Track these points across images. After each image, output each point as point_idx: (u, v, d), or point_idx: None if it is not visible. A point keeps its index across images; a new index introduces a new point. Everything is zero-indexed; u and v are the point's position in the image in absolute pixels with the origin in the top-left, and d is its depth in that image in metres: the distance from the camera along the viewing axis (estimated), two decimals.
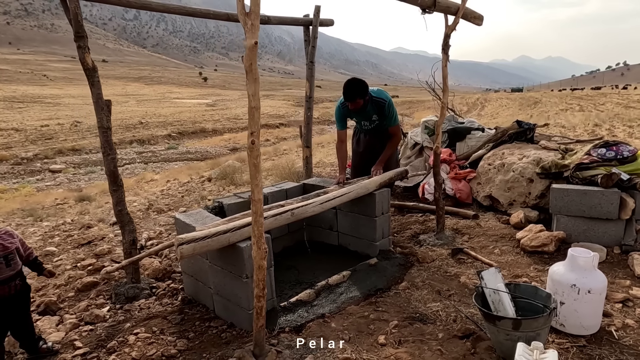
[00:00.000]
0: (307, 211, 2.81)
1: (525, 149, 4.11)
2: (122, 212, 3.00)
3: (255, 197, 1.91)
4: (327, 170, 8.55)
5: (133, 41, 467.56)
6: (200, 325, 2.58)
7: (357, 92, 3.42)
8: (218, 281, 2.59)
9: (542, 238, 3.08)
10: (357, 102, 3.45)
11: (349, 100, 3.44)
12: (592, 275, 2.09)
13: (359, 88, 3.42)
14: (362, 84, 3.45)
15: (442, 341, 2.17)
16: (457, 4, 3.21)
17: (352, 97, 3.42)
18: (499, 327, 1.92)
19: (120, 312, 2.82)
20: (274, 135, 30.12)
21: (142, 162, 21.74)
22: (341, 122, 3.74)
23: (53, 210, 8.53)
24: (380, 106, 3.59)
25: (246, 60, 1.84)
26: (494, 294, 2.09)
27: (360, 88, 3.43)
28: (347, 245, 3.57)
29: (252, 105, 1.86)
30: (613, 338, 2.09)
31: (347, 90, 3.41)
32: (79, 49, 2.71)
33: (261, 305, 2.04)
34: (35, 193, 13.82)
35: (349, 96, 3.42)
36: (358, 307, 2.62)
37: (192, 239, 2.19)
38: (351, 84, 3.42)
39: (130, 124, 33.72)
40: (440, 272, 3.01)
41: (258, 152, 1.89)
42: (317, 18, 4.28)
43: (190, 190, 9.12)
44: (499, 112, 35.73)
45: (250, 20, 1.80)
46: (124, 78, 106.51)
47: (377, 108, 3.60)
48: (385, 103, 3.58)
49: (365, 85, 3.46)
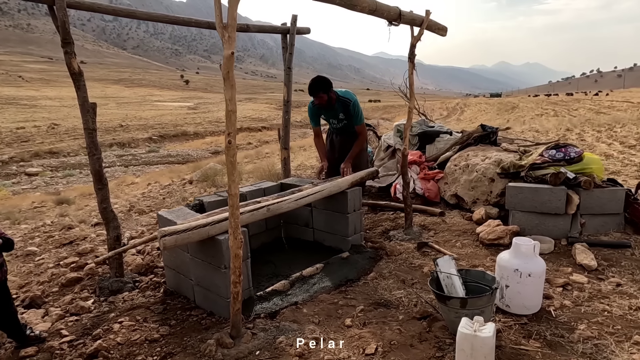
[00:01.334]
0: (282, 207, 3.02)
1: (488, 151, 4.42)
2: (107, 210, 3.15)
3: (232, 192, 2.12)
4: (308, 173, 8.77)
5: (113, 42, 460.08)
6: (181, 314, 2.76)
7: (318, 87, 3.74)
8: (198, 273, 2.78)
9: (498, 232, 3.37)
10: (321, 97, 3.75)
11: (312, 94, 3.75)
12: (533, 261, 2.36)
13: (320, 84, 3.77)
14: (324, 80, 3.81)
15: (402, 322, 2.41)
16: (422, 17, 3.49)
17: (314, 92, 3.74)
18: (449, 306, 2.16)
19: (104, 304, 2.97)
20: (257, 139, 30.22)
21: (122, 165, 21.59)
22: (314, 119, 4.06)
23: (31, 214, 8.50)
24: (345, 105, 3.90)
25: (224, 68, 2.05)
26: (447, 278, 2.34)
27: (322, 84, 3.77)
28: (322, 241, 3.79)
29: (229, 109, 2.07)
30: (551, 316, 2.36)
31: (310, 86, 3.75)
32: (66, 55, 2.87)
33: (237, 290, 2.24)
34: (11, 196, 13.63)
35: (312, 91, 3.74)
36: (329, 295, 2.84)
37: (175, 232, 2.38)
38: (314, 81, 3.78)
39: (110, 126, 33.33)
40: (406, 264, 3.26)
41: (234, 151, 2.10)
42: (294, 26, 4.51)
43: (171, 192, 9.21)
44: (477, 117, 36.61)
45: (228, 32, 2.02)
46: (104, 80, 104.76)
47: (343, 107, 3.91)
48: (351, 102, 3.89)
49: (326, 82, 3.81)
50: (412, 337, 2.24)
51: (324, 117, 4.07)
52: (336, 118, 4.02)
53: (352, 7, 2.79)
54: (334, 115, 4.00)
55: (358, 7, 2.82)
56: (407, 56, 3.63)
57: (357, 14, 2.94)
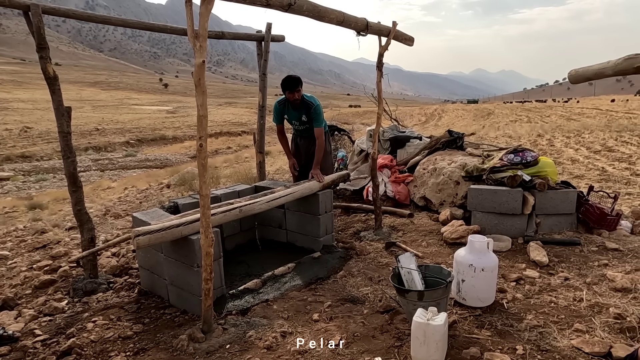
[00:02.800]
0: (255, 208, 3.14)
1: (454, 155, 4.64)
2: (81, 212, 3.21)
3: (203, 192, 2.23)
4: (286, 177, 8.88)
5: (89, 44, 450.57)
6: (155, 312, 2.84)
7: (297, 82, 3.97)
8: (172, 272, 2.86)
9: (460, 231, 3.56)
10: (299, 92, 3.95)
11: (290, 89, 3.93)
12: (486, 256, 2.54)
13: (298, 80, 4.03)
14: (299, 78, 4.11)
15: (366, 316, 2.55)
16: (389, 28, 3.67)
17: (293, 87, 3.92)
18: (408, 299, 2.32)
19: (78, 305, 3.02)
20: (236, 143, 30.15)
21: (98, 170, 21.23)
22: (278, 117, 4.25)
23: (2, 219, 8.35)
24: (308, 107, 4.09)
25: (195, 76, 2.17)
26: (408, 273, 2.49)
27: (299, 80, 4.04)
28: (295, 241, 3.92)
29: (201, 114, 2.19)
30: (503, 308, 2.54)
31: (289, 82, 3.95)
32: (41, 59, 2.93)
33: (209, 287, 2.35)
34: None
35: (290, 86, 3.92)
36: (299, 292, 2.97)
37: (148, 231, 2.47)
38: (291, 77, 4.02)
39: (86, 130, 32.70)
40: (374, 263, 3.42)
41: (205, 154, 2.21)
42: (269, 34, 4.65)
43: (148, 196, 9.18)
44: (454, 123, 37.40)
45: (199, 42, 2.14)
46: (79, 82, 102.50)
47: (306, 109, 4.10)
48: (313, 105, 4.07)
49: (300, 80, 4.09)
50: (374, 329, 2.39)
51: (287, 117, 4.25)
52: (299, 120, 4.19)
53: (321, 18, 2.94)
54: (297, 117, 4.18)
55: (326, 19, 2.97)
56: (376, 65, 3.81)
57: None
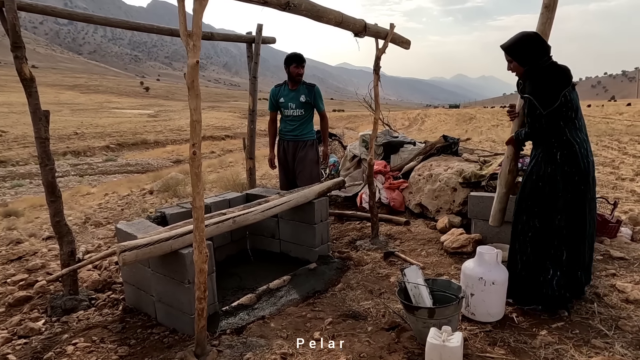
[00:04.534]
0: (249, 219, 2.96)
1: (450, 161, 4.54)
2: (60, 223, 2.97)
3: (197, 204, 2.05)
4: (273, 182, 8.69)
5: (67, 47, 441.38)
6: (142, 332, 2.63)
7: (302, 57, 4.14)
8: (160, 288, 2.66)
9: (461, 240, 3.45)
10: (303, 67, 4.13)
11: (298, 61, 4.08)
12: (496, 269, 2.42)
13: (302, 56, 4.17)
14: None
15: (371, 333, 2.40)
16: (386, 30, 3.55)
17: (300, 60, 4.09)
18: (417, 316, 2.18)
19: (57, 324, 2.78)
20: (220, 147, 29.72)
21: (77, 175, 20.59)
22: (272, 103, 4.33)
23: None
24: (310, 87, 4.18)
25: (188, 77, 1.99)
26: (415, 288, 2.36)
27: (303, 56, 4.17)
28: (289, 252, 3.75)
29: (194, 119, 2.01)
30: (514, 323, 2.42)
31: (296, 55, 4.14)
32: (16, 59, 2.70)
33: (202, 307, 2.16)
34: None
35: (298, 59, 4.08)
36: (297, 308, 2.80)
37: (135, 246, 2.27)
38: (297, 53, 4.19)
39: (64, 134, 31.81)
40: (373, 274, 3.27)
41: (199, 162, 2.03)
42: (260, 36, 4.48)
43: (130, 203, 8.86)
44: (437, 127, 37.81)
45: (192, 41, 1.96)
46: (57, 85, 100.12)
47: (308, 89, 4.17)
48: (315, 86, 4.20)
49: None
50: (381, 348, 2.24)
51: (282, 102, 4.25)
52: (296, 101, 4.18)
53: (319, 18, 2.80)
54: (295, 98, 4.18)
55: (324, 19, 2.83)
56: (373, 68, 3.68)
57: (321, 25, 2.97)
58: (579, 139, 2.43)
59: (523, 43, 2.45)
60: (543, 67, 2.41)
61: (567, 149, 2.39)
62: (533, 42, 2.43)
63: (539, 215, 2.46)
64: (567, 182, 2.40)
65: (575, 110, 2.42)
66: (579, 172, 2.40)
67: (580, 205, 2.43)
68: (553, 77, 2.38)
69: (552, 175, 2.42)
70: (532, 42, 2.44)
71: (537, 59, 2.41)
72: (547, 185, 2.43)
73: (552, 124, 2.36)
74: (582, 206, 2.44)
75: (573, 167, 2.39)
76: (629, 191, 7.18)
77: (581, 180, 2.41)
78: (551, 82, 2.36)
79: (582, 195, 2.42)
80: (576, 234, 2.44)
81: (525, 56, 2.44)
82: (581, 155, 2.40)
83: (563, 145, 2.40)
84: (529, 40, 2.44)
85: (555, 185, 2.41)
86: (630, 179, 8.20)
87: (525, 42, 2.45)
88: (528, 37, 2.46)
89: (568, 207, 2.41)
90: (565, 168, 2.40)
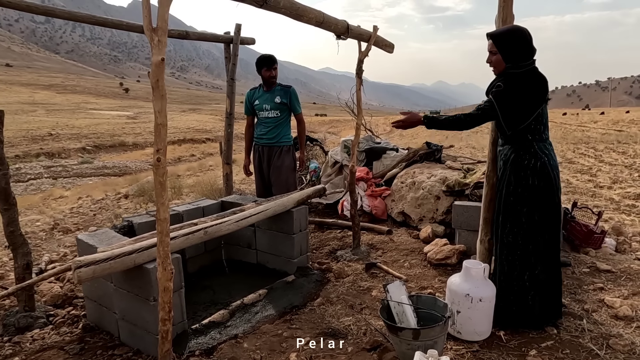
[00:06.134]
0: (222, 229, 2.77)
1: (433, 169, 4.44)
2: (15, 234, 2.73)
3: (161, 216, 1.85)
4: (253, 188, 8.47)
5: (44, 46, 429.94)
6: (102, 354, 2.41)
7: (274, 59, 3.99)
8: (124, 305, 2.45)
9: (445, 251, 3.33)
10: (275, 69, 3.99)
11: (269, 65, 3.92)
12: (483, 285, 2.30)
13: (274, 57, 4.01)
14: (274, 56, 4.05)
15: (351, 355, 2.24)
16: (369, 32, 3.42)
17: (271, 63, 3.93)
18: (401, 337, 2.03)
19: (7, 345, 2.53)
20: (200, 151, 29.25)
21: (50, 177, 19.87)
22: (248, 106, 4.19)
23: None
24: (285, 89, 4.04)
25: (152, 76, 1.80)
26: (398, 306, 2.21)
27: (275, 58, 4.02)
28: (266, 263, 3.56)
29: (159, 122, 1.82)
30: (502, 342, 2.30)
31: (267, 57, 3.96)
32: None
33: (167, 329, 1.96)
34: None
35: (269, 62, 3.92)
36: (272, 325, 2.62)
37: (92, 261, 2.06)
38: (267, 55, 3.98)
39: (38, 135, 30.80)
40: (354, 287, 3.12)
41: (164, 170, 1.85)
42: (238, 36, 4.31)
43: (104, 207, 8.52)
44: (418, 133, 38.00)
45: (157, 36, 1.78)
46: (32, 85, 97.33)
47: (283, 90, 4.02)
48: (291, 87, 4.08)
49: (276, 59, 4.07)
50: None
51: (257, 105, 4.09)
52: (271, 102, 4.02)
53: (299, 17, 2.65)
54: (269, 99, 4.02)
55: (305, 18, 2.68)
56: (355, 71, 3.55)
57: (304, 26, 2.82)
58: (547, 150, 2.33)
59: (515, 36, 2.27)
60: (524, 71, 2.26)
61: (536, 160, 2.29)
62: (524, 39, 2.26)
63: (512, 231, 2.36)
64: (537, 197, 2.30)
65: (544, 125, 2.33)
66: (549, 185, 2.30)
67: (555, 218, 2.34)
68: (530, 90, 2.24)
69: (523, 191, 2.31)
70: (524, 38, 2.26)
71: (523, 58, 2.25)
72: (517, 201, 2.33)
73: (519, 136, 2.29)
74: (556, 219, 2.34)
75: (542, 181, 2.29)
76: (607, 199, 7.24)
77: (553, 193, 2.31)
78: (527, 97, 2.23)
79: (555, 208, 2.33)
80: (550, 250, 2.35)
81: (512, 50, 2.26)
82: (551, 167, 2.31)
83: (531, 155, 2.30)
84: (521, 35, 2.26)
85: (526, 200, 2.31)
86: (608, 186, 8.30)
87: (518, 35, 2.27)
88: (521, 31, 2.27)
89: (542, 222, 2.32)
90: (535, 182, 2.29)
